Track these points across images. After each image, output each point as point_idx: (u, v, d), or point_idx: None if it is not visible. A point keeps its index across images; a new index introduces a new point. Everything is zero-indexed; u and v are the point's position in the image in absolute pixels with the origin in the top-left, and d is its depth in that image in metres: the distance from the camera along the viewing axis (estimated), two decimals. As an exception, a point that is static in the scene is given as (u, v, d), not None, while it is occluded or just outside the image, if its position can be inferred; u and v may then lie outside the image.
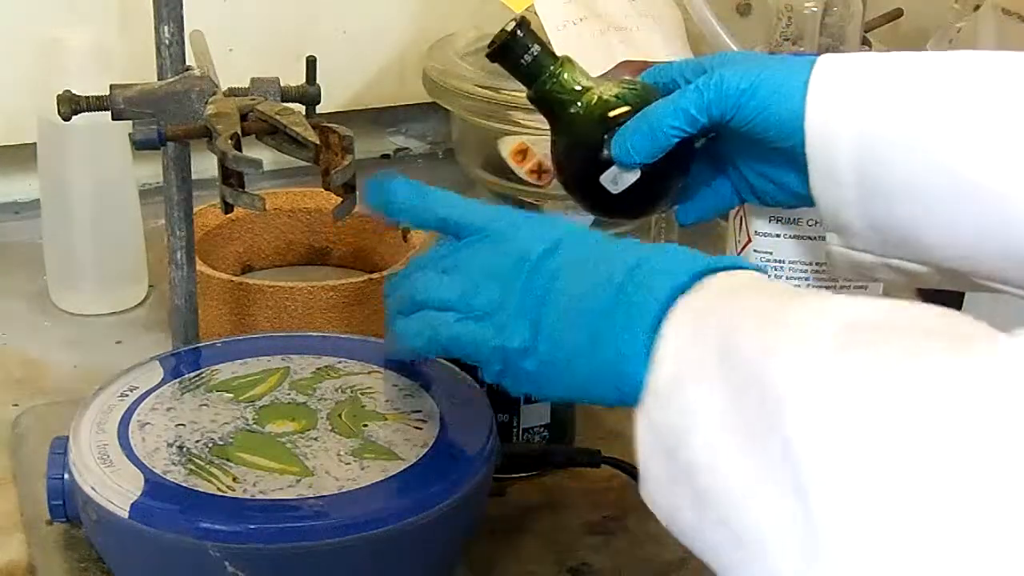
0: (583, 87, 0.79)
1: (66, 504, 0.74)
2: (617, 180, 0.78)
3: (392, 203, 0.73)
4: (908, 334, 0.51)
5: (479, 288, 0.67)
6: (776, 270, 0.87)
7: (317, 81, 0.83)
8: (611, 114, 0.78)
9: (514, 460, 0.85)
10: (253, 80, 0.81)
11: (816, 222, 0.85)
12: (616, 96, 0.78)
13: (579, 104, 0.79)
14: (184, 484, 0.70)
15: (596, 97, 0.79)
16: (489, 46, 0.80)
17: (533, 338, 0.65)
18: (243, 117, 0.77)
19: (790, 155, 0.74)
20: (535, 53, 0.79)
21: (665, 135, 0.75)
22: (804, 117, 0.72)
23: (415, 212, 0.73)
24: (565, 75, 0.79)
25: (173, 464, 0.72)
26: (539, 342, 0.65)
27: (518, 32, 0.79)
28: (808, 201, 0.75)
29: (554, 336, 0.64)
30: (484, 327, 0.67)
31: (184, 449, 0.73)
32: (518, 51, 0.79)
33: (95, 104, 0.80)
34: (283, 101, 0.80)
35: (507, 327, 0.66)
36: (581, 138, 0.79)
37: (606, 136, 0.77)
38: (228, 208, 0.76)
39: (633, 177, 0.77)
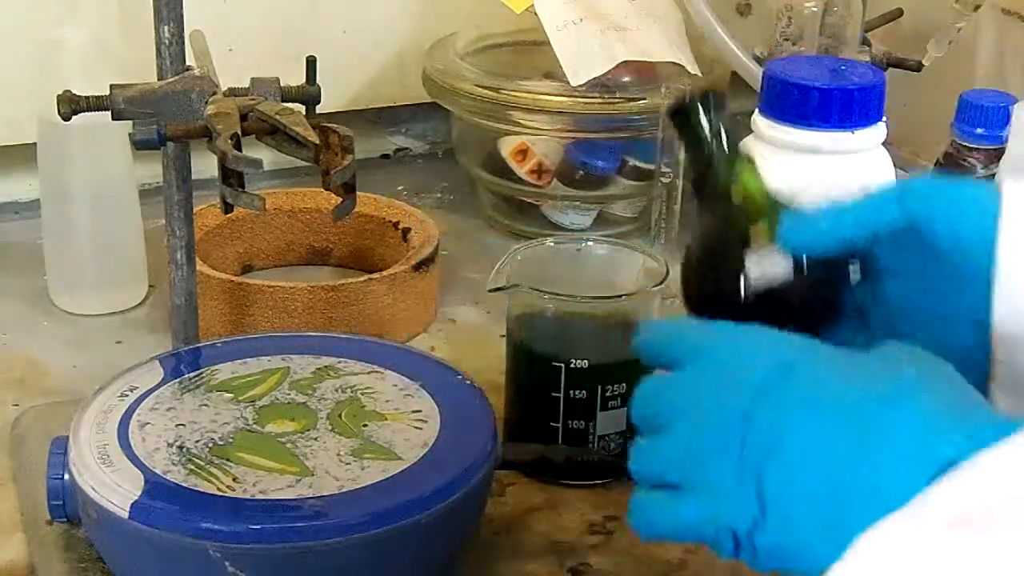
0: (764, 197, 0.66)
1: (66, 504, 0.74)
2: (762, 267, 0.65)
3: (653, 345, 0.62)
4: None
5: (690, 450, 0.55)
6: None
7: (317, 81, 0.83)
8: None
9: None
10: (253, 80, 0.81)
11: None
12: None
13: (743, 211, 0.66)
14: (184, 484, 0.70)
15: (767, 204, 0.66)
16: (673, 104, 0.68)
17: (761, 510, 0.52)
18: (243, 117, 0.77)
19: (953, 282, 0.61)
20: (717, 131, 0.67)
21: (843, 228, 0.63)
22: (995, 241, 0.59)
23: (662, 348, 0.61)
24: (745, 175, 0.67)
25: (173, 464, 0.72)
26: (768, 516, 0.52)
27: (701, 103, 0.67)
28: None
29: (782, 508, 0.51)
30: (703, 502, 0.54)
31: (184, 449, 0.73)
32: (696, 122, 0.67)
33: (95, 104, 0.80)
34: (283, 101, 0.80)
35: (728, 498, 0.53)
36: (730, 233, 0.66)
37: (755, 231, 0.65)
38: (228, 208, 0.76)
39: (780, 270, 0.65)
